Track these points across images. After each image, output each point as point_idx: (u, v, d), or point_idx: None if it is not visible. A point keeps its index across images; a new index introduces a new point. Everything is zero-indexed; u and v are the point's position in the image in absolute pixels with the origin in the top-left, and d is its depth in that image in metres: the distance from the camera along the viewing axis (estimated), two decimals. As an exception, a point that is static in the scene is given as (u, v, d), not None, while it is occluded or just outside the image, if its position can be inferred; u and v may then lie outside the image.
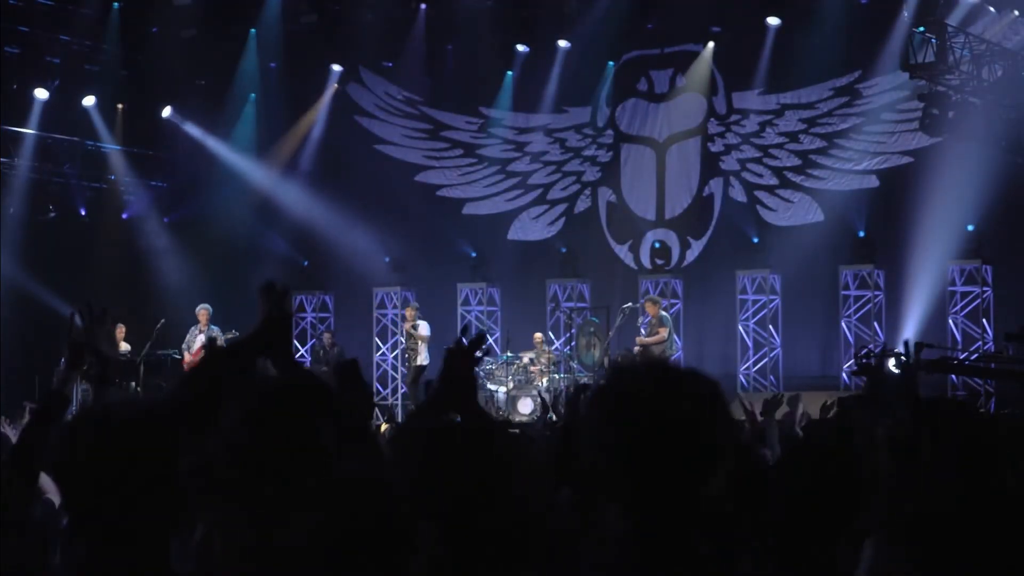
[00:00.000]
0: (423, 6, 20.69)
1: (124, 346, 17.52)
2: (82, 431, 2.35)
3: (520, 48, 20.64)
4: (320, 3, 20.55)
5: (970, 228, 17.40)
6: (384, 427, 12.34)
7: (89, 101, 20.23)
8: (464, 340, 3.58)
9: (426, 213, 21.13)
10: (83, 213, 20.72)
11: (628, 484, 2.08)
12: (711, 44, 19.64)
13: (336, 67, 21.57)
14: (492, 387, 17.76)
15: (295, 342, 19.46)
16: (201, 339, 17.29)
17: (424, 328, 18.41)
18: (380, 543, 2.40)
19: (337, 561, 2.32)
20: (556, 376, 17.82)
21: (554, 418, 10.67)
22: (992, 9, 16.17)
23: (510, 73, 20.86)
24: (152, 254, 21.15)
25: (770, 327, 18.75)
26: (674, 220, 20.03)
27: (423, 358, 18.29)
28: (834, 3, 18.16)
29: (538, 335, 18.44)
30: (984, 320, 17.32)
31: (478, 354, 3.63)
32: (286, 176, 21.59)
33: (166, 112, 21.22)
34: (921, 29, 15.63)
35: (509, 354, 18.19)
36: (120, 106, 20.81)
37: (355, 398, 3.66)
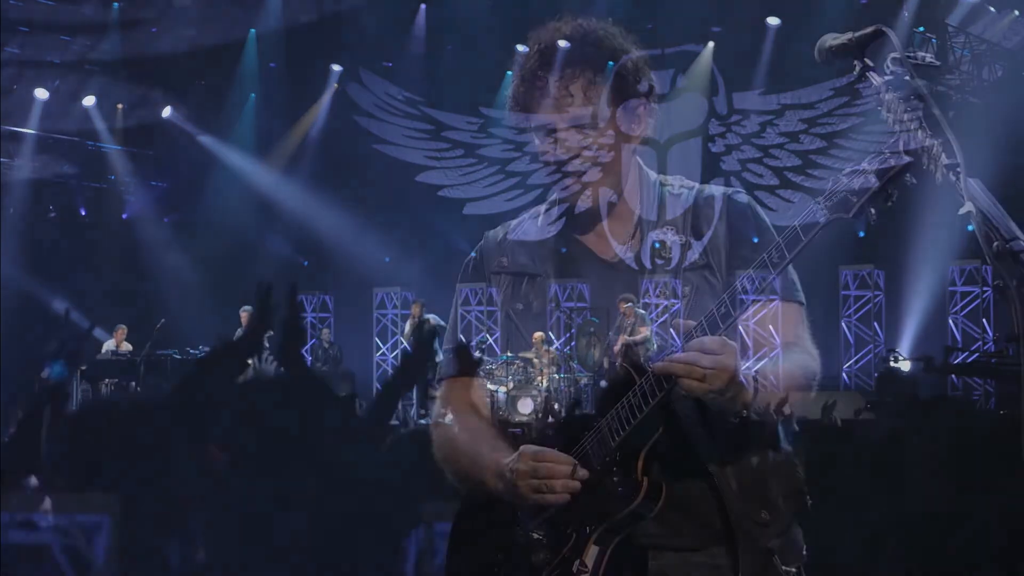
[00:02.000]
0: (423, 6, 20.68)
1: (124, 346, 17.53)
2: (80, 429, 2.35)
3: (520, 48, 20.60)
4: (320, 3, 20.54)
5: (970, 228, 17.30)
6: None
7: (89, 101, 20.21)
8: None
9: (426, 213, 21.09)
10: (83, 213, 20.71)
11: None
12: (711, 44, 19.59)
13: (336, 67, 21.56)
14: (492, 387, 17.73)
15: (295, 342, 19.39)
16: None
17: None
18: (375, 537, 2.40)
19: (333, 554, 2.31)
20: (556, 376, 17.79)
21: (551, 420, 10.68)
22: (992, 9, 16.17)
23: (510, 73, 20.82)
24: (152, 254, 21.14)
25: (770, 327, 18.69)
26: (675, 220, 20.01)
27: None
28: (834, 3, 18.15)
29: (538, 334, 18.36)
30: (984, 320, 17.31)
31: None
32: (286, 176, 21.57)
33: (166, 112, 21.21)
34: (921, 29, 15.62)
35: (509, 354, 18.15)
36: (120, 106, 20.79)
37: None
